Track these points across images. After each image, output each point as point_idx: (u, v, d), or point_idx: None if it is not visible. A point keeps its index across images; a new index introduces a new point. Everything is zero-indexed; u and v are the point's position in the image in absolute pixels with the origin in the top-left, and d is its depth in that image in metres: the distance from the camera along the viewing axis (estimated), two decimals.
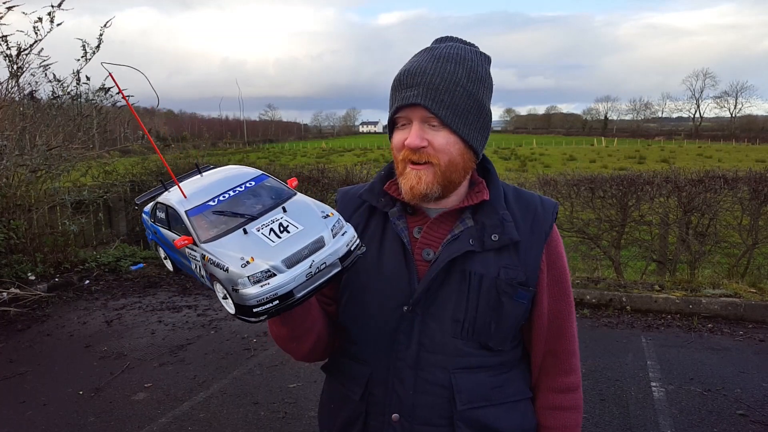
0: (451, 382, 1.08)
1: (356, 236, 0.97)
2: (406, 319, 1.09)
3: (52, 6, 5.96)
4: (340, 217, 0.96)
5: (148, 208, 1.12)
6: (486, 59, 1.12)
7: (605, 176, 6.60)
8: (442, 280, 1.09)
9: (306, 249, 0.89)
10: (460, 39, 1.15)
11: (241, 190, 1.00)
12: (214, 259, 0.90)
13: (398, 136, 1.09)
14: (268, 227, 0.93)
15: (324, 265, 0.90)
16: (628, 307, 5.09)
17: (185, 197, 1.00)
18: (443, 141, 1.06)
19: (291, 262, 0.88)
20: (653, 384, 3.64)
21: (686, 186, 6.08)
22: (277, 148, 68.07)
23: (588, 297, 5.20)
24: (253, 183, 1.02)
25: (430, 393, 1.09)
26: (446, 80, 1.04)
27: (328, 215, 0.95)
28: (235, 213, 0.96)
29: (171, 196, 1.01)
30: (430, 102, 1.03)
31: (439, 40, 1.16)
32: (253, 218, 0.95)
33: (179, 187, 1.01)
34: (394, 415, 1.10)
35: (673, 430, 3.09)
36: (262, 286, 0.87)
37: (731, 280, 5.68)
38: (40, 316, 5.25)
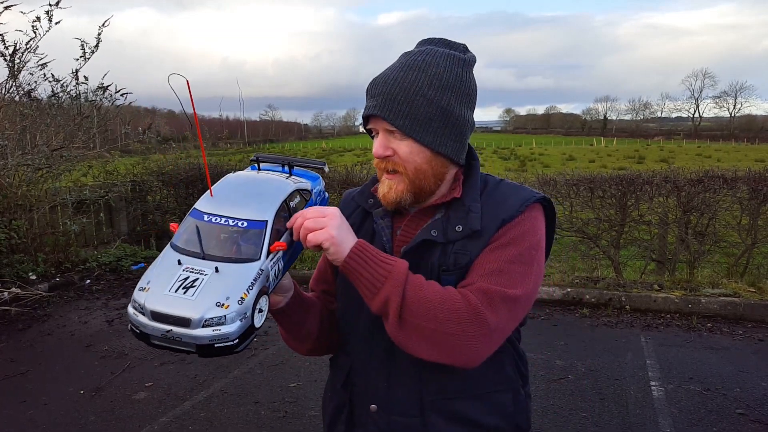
0: (420, 375, 1.11)
1: (233, 341, 0.93)
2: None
3: (50, 5, 5.97)
4: (231, 315, 0.92)
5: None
6: (462, 63, 1.10)
7: (604, 176, 6.59)
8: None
9: (172, 318, 0.91)
10: (444, 40, 1.15)
11: (231, 224, 0.98)
12: (155, 262, 0.97)
13: (373, 146, 1.13)
14: (188, 273, 0.94)
15: (180, 339, 0.92)
16: (627, 307, 5.10)
17: (211, 195, 1.03)
18: (407, 150, 1.08)
19: (156, 318, 0.92)
20: (653, 383, 3.65)
21: (685, 186, 6.08)
22: (278, 148, 67.99)
23: (587, 296, 5.21)
24: (245, 224, 0.98)
25: (403, 384, 1.13)
26: (405, 90, 1.05)
27: (223, 305, 0.91)
28: (200, 240, 0.98)
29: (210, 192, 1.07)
30: (388, 113, 1.06)
31: (420, 43, 1.17)
32: (199, 255, 0.96)
33: (209, 185, 1.04)
34: (372, 406, 1.16)
35: (673, 429, 3.10)
36: (134, 313, 0.94)
37: (730, 279, 5.69)
38: (41, 315, 5.26)
